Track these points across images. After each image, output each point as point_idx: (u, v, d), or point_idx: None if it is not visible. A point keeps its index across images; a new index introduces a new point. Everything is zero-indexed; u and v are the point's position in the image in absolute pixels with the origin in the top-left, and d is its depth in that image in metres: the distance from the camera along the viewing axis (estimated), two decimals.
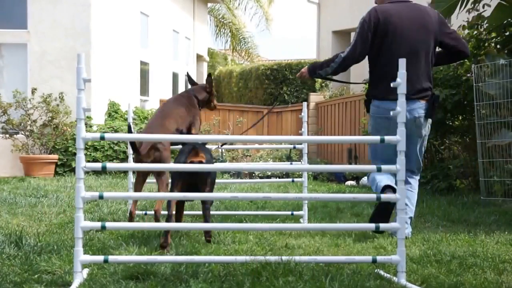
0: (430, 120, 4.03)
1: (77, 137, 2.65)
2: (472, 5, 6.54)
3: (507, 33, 6.48)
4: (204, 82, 4.55)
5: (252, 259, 2.80)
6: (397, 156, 2.77)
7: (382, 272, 2.87)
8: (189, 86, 4.67)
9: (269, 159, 10.95)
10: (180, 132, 3.97)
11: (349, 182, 9.31)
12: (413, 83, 3.76)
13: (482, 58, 6.33)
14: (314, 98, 13.34)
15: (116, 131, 10.00)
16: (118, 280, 2.65)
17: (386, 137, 2.80)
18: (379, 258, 2.81)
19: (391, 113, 2.81)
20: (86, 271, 2.81)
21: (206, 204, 3.56)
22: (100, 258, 2.75)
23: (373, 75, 4.01)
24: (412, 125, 3.86)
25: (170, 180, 3.73)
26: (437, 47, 4.01)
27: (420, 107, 3.89)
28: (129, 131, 4.11)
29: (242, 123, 13.83)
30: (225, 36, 21.08)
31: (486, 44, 6.69)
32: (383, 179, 3.77)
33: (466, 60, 6.93)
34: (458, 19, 6.87)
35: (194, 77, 16.27)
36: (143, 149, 3.79)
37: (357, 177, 9.46)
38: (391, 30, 3.85)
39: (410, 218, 4.05)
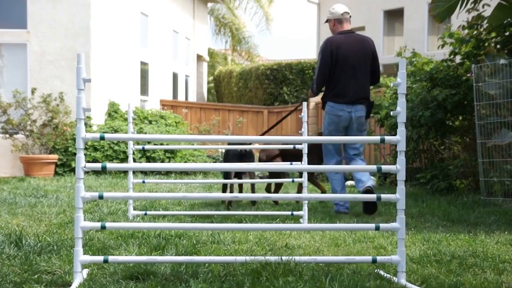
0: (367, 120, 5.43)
1: (77, 137, 2.65)
2: (472, 5, 6.54)
3: (507, 33, 6.48)
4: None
5: (252, 259, 2.80)
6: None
7: (382, 272, 2.87)
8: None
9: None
10: None
11: (349, 182, 9.30)
12: (357, 92, 5.18)
13: (482, 58, 6.33)
14: (314, 98, 13.33)
15: (116, 131, 10.00)
16: (118, 280, 2.65)
17: (387, 138, 2.80)
18: (379, 258, 2.80)
19: (392, 113, 2.84)
20: (86, 271, 2.80)
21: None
22: (100, 258, 2.75)
23: (328, 86, 5.31)
24: (355, 122, 5.23)
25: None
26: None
27: (361, 109, 5.23)
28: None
29: (242, 123, 13.83)
30: (225, 36, 21.09)
31: (486, 44, 6.70)
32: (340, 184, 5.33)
33: (466, 60, 6.94)
34: (458, 19, 6.87)
35: (194, 77, 16.33)
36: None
37: None
38: (341, 54, 5.18)
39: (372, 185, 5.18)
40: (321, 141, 5.67)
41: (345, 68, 5.16)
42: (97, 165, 2.75)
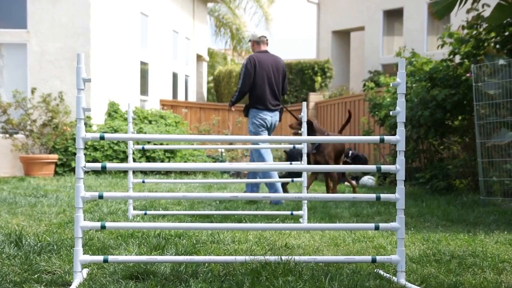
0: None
1: (77, 137, 2.65)
2: (472, 5, 6.54)
3: (507, 33, 6.48)
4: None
5: (251, 259, 2.80)
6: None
7: (381, 272, 2.87)
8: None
9: None
10: None
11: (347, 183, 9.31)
12: (272, 100, 6.29)
13: (482, 58, 6.33)
14: (314, 97, 13.36)
15: (115, 131, 10.00)
16: (118, 279, 2.65)
17: (386, 137, 2.81)
18: (378, 258, 2.81)
19: (391, 112, 2.85)
20: (86, 270, 2.81)
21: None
22: (100, 258, 2.75)
23: (252, 95, 6.30)
24: (273, 125, 6.40)
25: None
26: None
27: (277, 114, 6.43)
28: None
29: (242, 123, 13.84)
30: (225, 36, 21.08)
31: (486, 44, 6.70)
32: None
33: (465, 60, 6.94)
34: (458, 19, 6.88)
35: (194, 77, 16.32)
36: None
37: (357, 177, 9.46)
38: (261, 68, 6.26)
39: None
40: (317, 142, 5.69)
41: (264, 80, 6.25)
42: (97, 165, 2.75)
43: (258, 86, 6.22)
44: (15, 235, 3.54)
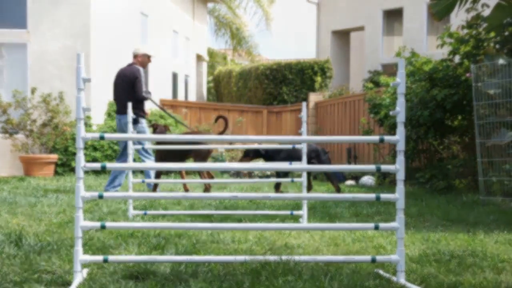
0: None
1: (77, 137, 2.65)
2: (471, 5, 6.54)
3: (506, 33, 6.48)
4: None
5: (251, 259, 2.80)
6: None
7: (381, 272, 2.88)
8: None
9: None
10: None
11: (348, 182, 9.32)
12: (122, 104, 6.85)
13: (481, 58, 6.34)
14: (314, 98, 13.35)
15: (115, 131, 10.00)
16: (117, 279, 2.66)
17: (386, 137, 2.81)
18: (378, 257, 2.81)
19: (391, 112, 2.86)
20: (86, 270, 2.81)
21: None
22: (100, 257, 2.75)
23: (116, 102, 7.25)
24: (122, 127, 7.03)
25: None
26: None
27: (124, 117, 6.78)
28: None
29: (242, 122, 13.85)
30: (225, 36, 21.08)
31: (485, 44, 6.70)
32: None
33: (465, 60, 6.94)
34: (458, 19, 6.87)
35: (193, 77, 16.29)
36: None
37: (356, 176, 9.47)
38: (115, 80, 7.28)
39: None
40: (317, 142, 5.69)
41: (116, 89, 7.25)
42: (97, 165, 2.75)
43: (115, 95, 7.28)
44: (15, 235, 3.55)
